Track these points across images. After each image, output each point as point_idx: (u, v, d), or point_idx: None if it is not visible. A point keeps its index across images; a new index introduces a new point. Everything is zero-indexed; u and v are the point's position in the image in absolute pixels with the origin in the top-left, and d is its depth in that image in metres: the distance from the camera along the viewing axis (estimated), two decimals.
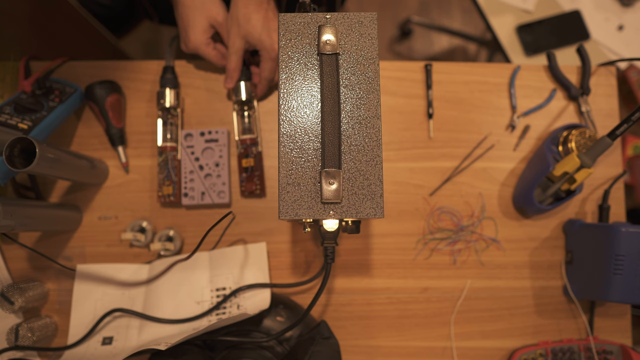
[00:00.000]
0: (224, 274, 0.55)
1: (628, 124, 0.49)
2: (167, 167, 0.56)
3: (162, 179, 0.56)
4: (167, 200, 0.56)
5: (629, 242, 0.50)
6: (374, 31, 0.38)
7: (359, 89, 0.37)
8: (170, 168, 0.56)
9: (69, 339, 0.53)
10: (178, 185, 0.56)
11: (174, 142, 0.58)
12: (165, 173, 0.56)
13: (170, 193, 0.56)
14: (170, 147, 0.57)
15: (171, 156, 0.57)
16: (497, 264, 0.59)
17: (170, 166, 0.56)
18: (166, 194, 0.56)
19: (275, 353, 0.50)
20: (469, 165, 0.60)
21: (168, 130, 0.58)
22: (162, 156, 0.57)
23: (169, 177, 0.56)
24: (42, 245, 0.57)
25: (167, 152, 0.57)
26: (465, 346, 0.57)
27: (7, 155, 0.42)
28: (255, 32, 0.53)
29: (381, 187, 0.36)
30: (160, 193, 0.56)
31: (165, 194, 0.56)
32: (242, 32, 0.53)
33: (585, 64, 0.62)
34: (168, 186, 0.56)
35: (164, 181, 0.56)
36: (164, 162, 0.57)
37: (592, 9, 0.99)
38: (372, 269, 0.58)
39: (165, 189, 0.56)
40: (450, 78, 0.62)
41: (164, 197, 0.56)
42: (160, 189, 0.56)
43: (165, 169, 0.56)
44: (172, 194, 0.56)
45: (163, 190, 0.56)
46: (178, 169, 0.57)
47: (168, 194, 0.56)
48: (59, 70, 0.60)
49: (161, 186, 0.56)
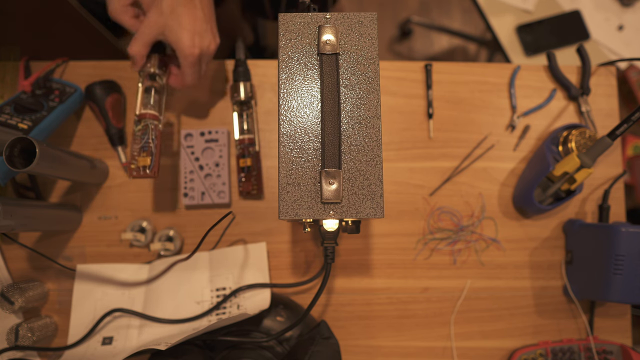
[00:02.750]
0: (224, 274, 0.55)
1: (628, 124, 0.49)
2: (145, 136, 0.47)
3: (137, 149, 0.47)
4: (142, 173, 0.47)
5: (629, 242, 0.50)
6: (374, 31, 0.38)
7: (359, 89, 0.37)
8: (151, 138, 0.47)
9: (69, 339, 0.53)
10: (157, 159, 0.47)
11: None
12: (142, 143, 0.47)
13: (146, 165, 0.46)
14: (150, 114, 0.49)
15: (153, 125, 0.49)
16: (497, 264, 0.59)
17: (150, 136, 0.47)
18: (141, 166, 0.46)
19: (275, 353, 0.50)
20: (469, 165, 0.60)
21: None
22: (140, 124, 0.48)
23: (146, 147, 0.47)
24: (42, 245, 0.57)
25: (146, 119, 0.48)
26: (465, 346, 0.57)
27: (7, 155, 0.42)
28: (175, 29, 0.45)
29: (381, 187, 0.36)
30: (134, 165, 0.47)
31: (140, 165, 0.46)
32: (160, 22, 0.45)
33: (585, 64, 0.62)
34: (144, 157, 0.47)
35: (139, 152, 0.47)
36: (142, 130, 0.48)
37: (592, 9, 0.99)
38: (372, 269, 0.58)
39: (141, 159, 0.47)
40: (450, 78, 0.62)
41: (138, 169, 0.47)
42: (134, 160, 0.47)
43: (141, 138, 0.47)
44: (149, 167, 0.47)
45: (138, 162, 0.47)
46: (159, 142, 0.48)
47: (144, 166, 0.46)
48: (59, 70, 0.60)
49: (135, 157, 0.47)
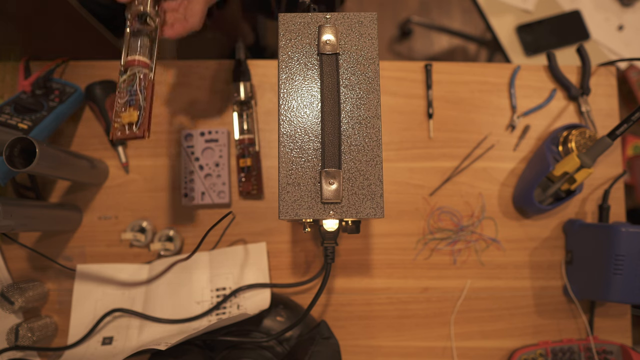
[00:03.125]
0: (224, 274, 0.55)
1: (628, 124, 0.49)
2: (131, 87, 0.39)
3: (121, 105, 0.38)
4: (127, 132, 0.38)
5: (629, 242, 0.50)
6: (374, 31, 0.38)
7: (359, 89, 0.37)
8: (139, 88, 0.38)
9: (69, 339, 0.53)
10: (147, 115, 0.38)
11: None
12: (128, 97, 0.38)
13: (133, 121, 0.37)
14: (139, 61, 0.40)
15: (142, 74, 0.40)
16: (497, 264, 0.59)
17: (139, 86, 0.38)
18: (127, 123, 0.37)
19: (275, 353, 0.50)
20: (469, 165, 0.60)
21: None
22: (125, 74, 0.40)
23: (133, 101, 0.38)
24: (42, 245, 0.57)
25: (134, 67, 0.40)
26: (465, 346, 0.57)
27: (7, 155, 0.42)
28: None
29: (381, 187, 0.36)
30: (117, 124, 0.38)
31: (125, 122, 0.37)
32: None
33: (585, 64, 0.62)
34: (131, 112, 0.38)
35: (124, 107, 0.38)
36: (128, 81, 0.39)
37: (592, 9, 0.99)
38: (372, 269, 0.58)
39: (126, 115, 0.37)
40: (450, 78, 0.62)
41: (123, 128, 0.37)
42: (118, 118, 0.38)
43: (128, 91, 0.39)
44: (135, 123, 0.38)
45: (122, 118, 0.37)
46: (150, 94, 0.39)
47: (130, 123, 0.37)
48: (59, 70, 0.60)
49: (119, 114, 0.38)
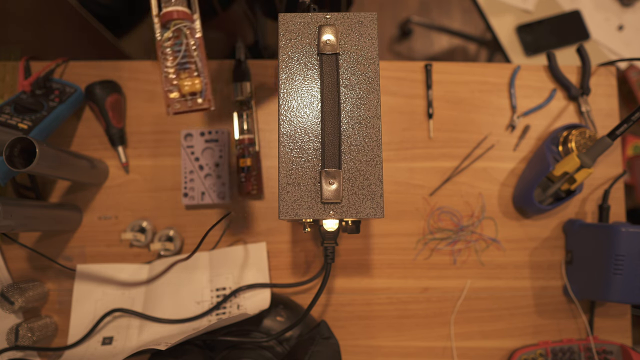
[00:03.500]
0: (224, 274, 0.55)
1: (628, 124, 0.49)
2: (181, 47, 0.32)
3: (173, 69, 0.31)
4: (192, 104, 0.31)
5: (629, 242, 0.50)
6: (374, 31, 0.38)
7: (359, 89, 0.37)
8: (191, 49, 0.31)
9: (69, 339, 0.53)
10: (208, 80, 0.33)
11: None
12: (179, 58, 0.32)
13: (196, 90, 0.31)
14: (179, 12, 0.34)
15: (189, 29, 0.33)
16: (497, 264, 0.59)
17: (188, 47, 0.31)
18: (189, 93, 0.31)
19: (275, 353, 0.50)
20: (469, 165, 0.60)
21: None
22: (168, 30, 0.33)
23: (186, 65, 0.31)
24: (42, 245, 0.57)
25: (175, 20, 0.34)
26: (465, 346, 0.57)
27: (7, 155, 0.42)
28: None
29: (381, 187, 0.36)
30: (174, 94, 0.31)
31: (187, 92, 0.31)
32: None
33: (585, 64, 0.62)
34: (192, 79, 0.31)
35: (178, 73, 0.32)
36: (174, 39, 0.33)
37: (592, 9, 0.99)
38: (372, 269, 0.58)
39: (187, 83, 0.31)
40: (450, 78, 0.62)
41: (181, 100, 0.31)
42: (172, 87, 0.31)
43: (176, 51, 0.32)
44: (200, 93, 0.32)
45: (182, 87, 0.31)
46: (204, 55, 0.32)
47: (193, 93, 0.31)
48: (59, 70, 0.60)
49: (172, 82, 0.31)
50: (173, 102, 0.33)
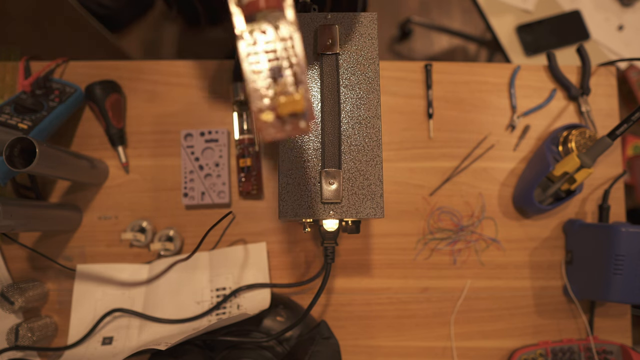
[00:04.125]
0: (224, 274, 0.55)
1: (628, 124, 0.49)
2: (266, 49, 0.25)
3: (264, 79, 0.25)
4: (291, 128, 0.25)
5: (629, 242, 0.50)
6: (374, 31, 0.38)
7: (359, 89, 0.37)
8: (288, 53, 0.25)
9: (69, 339, 0.53)
10: (308, 93, 0.25)
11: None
12: (272, 63, 0.25)
13: (297, 110, 0.24)
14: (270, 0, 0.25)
15: (282, 23, 0.25)
16: (497, 264, 0.59)
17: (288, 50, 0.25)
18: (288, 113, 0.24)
19: (275, 353, 0.50)
20: (469, 165, 0.60)
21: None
22: (253, 24, 0.25)
23: (280, 73, 0.24)
24: (42, 245, 0.57)
25: (264, 11, 0.25)
26: (465, 346, 0.57)
27: (7, 155, 0.42)
28: None
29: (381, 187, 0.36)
30: (267, 115, 0.24)
31: (286, 112, 0.24)
32: None
33: (585, 64, 0.62)
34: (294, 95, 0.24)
35: (270, 84, 0.25)
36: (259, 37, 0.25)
37: (592, 9, 0.99)
38: (372, 269, 0.58)
39: (288, 101, 0.24)
40: (450, 78, 0.62)
41: (282, 121, 0.25)
42: (266, 105, 0.24)
43: (267, 55, 0.25)
44: (302, 112, 0.24)
45: (279, 108, 0.24)
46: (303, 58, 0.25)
47: (293, 114, 0.24)
48: (59, 70, 0.60)
49: (262, 95, 0.25)
50: (267, 126, 0.24)
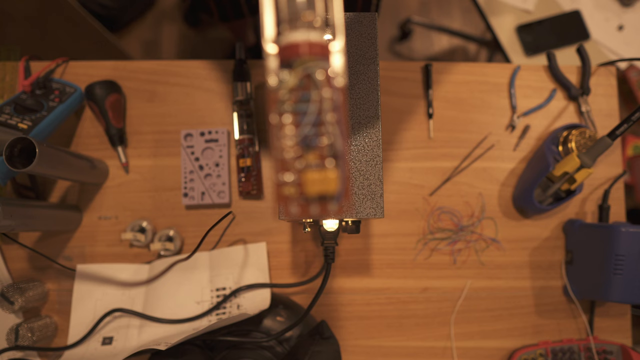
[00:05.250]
0: (224, 274, 0.55)
1: (628, 124, 0.49)
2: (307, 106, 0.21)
3: (292, 145, 0.21)
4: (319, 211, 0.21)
5: (629, 242, 0.50)
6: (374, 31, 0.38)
7: (359, 88, 0.37)
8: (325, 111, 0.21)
9: (69, 339, 0.53)
10: (347, 170, 0.22)
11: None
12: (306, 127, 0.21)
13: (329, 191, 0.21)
14: (316, 46, 0.20)
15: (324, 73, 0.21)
16: (497, 264, 0.59)
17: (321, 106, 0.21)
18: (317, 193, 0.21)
19: (275, 353, 0.50)
20: (469, 165, 0.60)
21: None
22: (292, 71, 0.21)
23: (313, 139, 0.21)
24: (42, 245, 0.57)
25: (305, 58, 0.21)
26: (465, 346, 0.57)
27: (7, 155, 0.42)
28: None
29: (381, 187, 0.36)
30: (291, 190, 0.21)
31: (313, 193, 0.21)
32: None
33: (585, 64, 0.62)
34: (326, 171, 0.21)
35: (302, 150, 0.21)
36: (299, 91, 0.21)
37: (592, 9, 0.99)
38: (372, 269, 0.58)
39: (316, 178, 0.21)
40: (450, 78, 0.62)
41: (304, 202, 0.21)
42: (291, 179, 0.21)
43: (301, 112, 0.21)
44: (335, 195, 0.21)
45: (307, 186, 0.21)
46: (346, 123, 0.22)
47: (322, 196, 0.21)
48: (59, 70, 0.60)
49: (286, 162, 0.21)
50: (289, 202, 0.20)
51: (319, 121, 0.20)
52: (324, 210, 0.20)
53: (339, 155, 0.20)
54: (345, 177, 0.20)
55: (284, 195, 0.21)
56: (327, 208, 0.20)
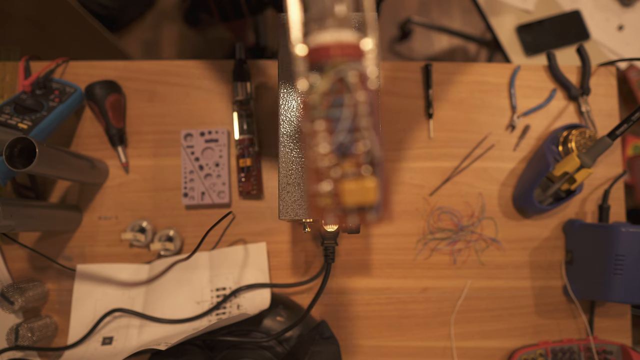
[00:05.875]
0: (224, 274, 0.55)
1: (628, 124, 0.49)
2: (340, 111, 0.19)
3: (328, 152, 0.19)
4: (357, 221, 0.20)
5: (629, 242, 0.50)
6: None
7: None
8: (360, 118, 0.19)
9: (69, 339, 0.53)
10: (385, 178, 0.20)
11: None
12: (342, 135, 0.19)
13: (368, 202, 0.19)
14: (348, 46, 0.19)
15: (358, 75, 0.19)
16: (497, 264, 0.59)
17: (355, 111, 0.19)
18: (355, 204, 0.19)
19: (275, 353, 0.50)
20: (469, 165, 0.60)
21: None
22: (324, 75, 0.19)
23: (348, 146, 0.19)
24: (42, 245, 0.57)
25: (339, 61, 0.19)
26: (465, 346, 0.57)
27: (7, 155, 0.42)
28: None
29: None
30: (325, 200, 0.19)
31: (352, 203, 0.19)
32: None
33: (585, 64, 0.62)
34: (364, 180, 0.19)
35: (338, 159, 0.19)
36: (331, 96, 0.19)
37: (592, 9, 0.99)
38: (372, 269, 0.58)
39: (355, 188, 0.19)
40: (450, 78, 0.62)
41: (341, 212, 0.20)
42: (327, 189, 0.19)
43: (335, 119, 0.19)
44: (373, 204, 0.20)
45: (345, 196, 0.19)
46: (381, 132, 0.21)
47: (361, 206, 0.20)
48: (59, 70, 0.60)
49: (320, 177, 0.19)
50: (327, 213, 0.19)
51: (354, 127, 0.19)
52: (363, 220, 0.20)
53: (377, 162, 0.19)
54: (384, 186, 0.19)
55: (320, 207, 0.19)
56: (366, 218, 0.20)
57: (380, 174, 0.19)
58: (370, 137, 0.19)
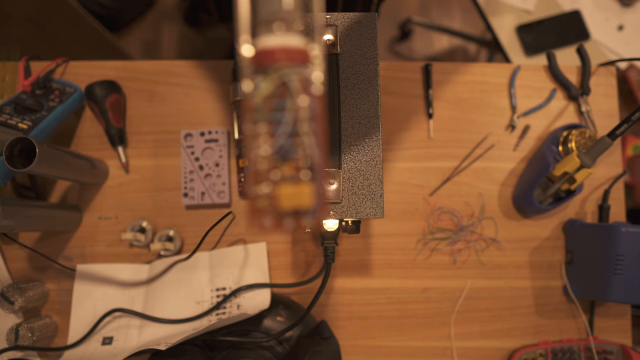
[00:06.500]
0: (224, 274, 0.55)
1: (628, 124, 0.49)
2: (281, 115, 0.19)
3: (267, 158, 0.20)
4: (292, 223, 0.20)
5: (629, 242, 0.50)
6: (374, 31, 0.38)
7: (359, 89, 0.37)
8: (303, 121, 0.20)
9: (69, 339, 0.53)
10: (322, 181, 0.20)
11: None
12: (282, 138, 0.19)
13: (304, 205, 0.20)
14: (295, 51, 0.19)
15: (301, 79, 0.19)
16: (497, 264, 0.59)
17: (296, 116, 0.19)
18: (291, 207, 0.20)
19: (275, 353, 0.50)
20: (469, 165, 0.60)
21: None
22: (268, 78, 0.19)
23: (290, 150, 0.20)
24: (42, 245, 0.57)
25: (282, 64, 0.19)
26: (465, 346, 0.57)
27: (7, 155, 0.42)
28: None
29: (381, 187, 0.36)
30: (262, 202, 0.20)
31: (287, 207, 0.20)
32: None
33: (585, 64, 0.62)
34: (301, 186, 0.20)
35: (275, 163, 0.20)
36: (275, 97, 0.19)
37: (592, 9, 0.99)
38: (372, 269, 0.58)
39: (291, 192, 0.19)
40: (450, 78, 0.62)
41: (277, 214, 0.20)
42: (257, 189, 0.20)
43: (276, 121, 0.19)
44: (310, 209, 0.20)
45: (280, 200, 0.19)
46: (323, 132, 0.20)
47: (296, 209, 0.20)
48: (59, 70, 0.60)
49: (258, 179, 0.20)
50: (263, 215, 0.19)
51: (295, 131, 0.19)
52: (298, 224, 0.20)
53: (315, 167, 0.20)
54: (320, 191, 0.20)
55: (258, 208, 0.20)
56: (302, 222, 0.20)
57: (318, 179, 0.20)
58: (310, 142, 0.19)
